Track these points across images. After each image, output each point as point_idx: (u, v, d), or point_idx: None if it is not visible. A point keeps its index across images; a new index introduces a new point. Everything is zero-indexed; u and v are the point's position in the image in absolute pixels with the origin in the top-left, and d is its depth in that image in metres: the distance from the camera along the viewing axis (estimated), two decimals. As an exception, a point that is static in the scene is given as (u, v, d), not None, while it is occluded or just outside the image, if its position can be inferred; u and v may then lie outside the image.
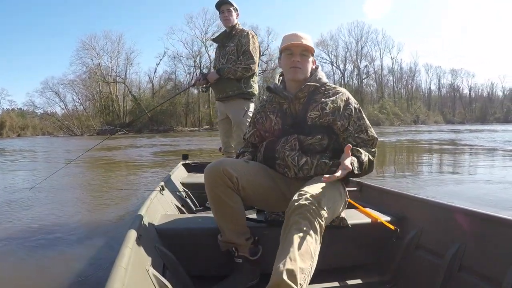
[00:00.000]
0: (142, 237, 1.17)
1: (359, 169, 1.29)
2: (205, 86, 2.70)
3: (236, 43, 2.58)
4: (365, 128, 1.42)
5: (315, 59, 1.50)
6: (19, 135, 39.26)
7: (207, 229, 1.44)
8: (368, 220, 1.52)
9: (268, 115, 1.49)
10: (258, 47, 2.64)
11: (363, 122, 1.43)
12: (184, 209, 2.13)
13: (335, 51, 54.98)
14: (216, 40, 2.78)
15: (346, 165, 1.19)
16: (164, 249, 1.30)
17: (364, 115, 1.45)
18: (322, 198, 1.10)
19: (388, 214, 1.59)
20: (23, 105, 47.29)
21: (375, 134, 1.44)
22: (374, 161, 1.38)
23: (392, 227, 1.45)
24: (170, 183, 2.33)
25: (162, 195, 1.93)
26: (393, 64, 57.85)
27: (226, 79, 2.56)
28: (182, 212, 2.07)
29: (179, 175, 2.94)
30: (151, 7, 75.20)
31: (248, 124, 1.83)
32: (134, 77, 49.02)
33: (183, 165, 3.43)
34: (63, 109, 44.50)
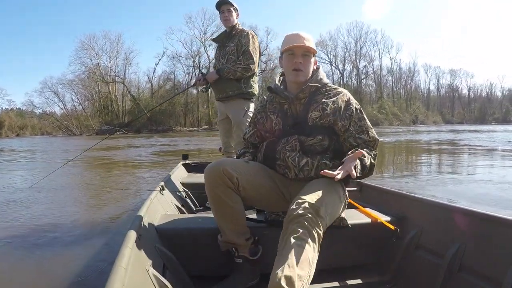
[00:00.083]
0: (142, 237, 1.17)
1: (361, 172, 1.28)
2: (205, 86, 2.70)
3: (236, 43, 2.58)
4: (366, 129, 1.41)
5: (316, 60, 1.49)
6: (18, 135, 39.21)
7: (207, 229, 1.44)
8: (368, 220, 1.52)
9: (268, 115, 1.48)
10: (258, 47, 2.63)
11: (364, 122, 1.42)
12: (184, 209, 2.13)
13: (334, 51, 55.16)
14: (216, 40, 2.78)
15: (349, 168, 1.18)
16: (164, 249, 1.30)
17: (365, 116, 1.44)
18: (320, 206, 1.10)
19: (388, 214, 1.59)
20: (22, 104, 47.46)
21: (376, 135, 1.43)
22: (375, 164, 1.37)
23: (392, 227, 1.45)
24: (170, 183, 2.33)
25: (162, 195, 1.92)
26: (392, 64, 58.13)
27: (226, 79, 2.56)
28: (182, 212, 2.07)
29: (179, 175, 2.94)
30: (151, 7, 75.33)
31: (248, 124, 1.83)
32: (133, 77, 49.22)
33: (183, 165, 3.43)
34: (62, 109, 44.61)
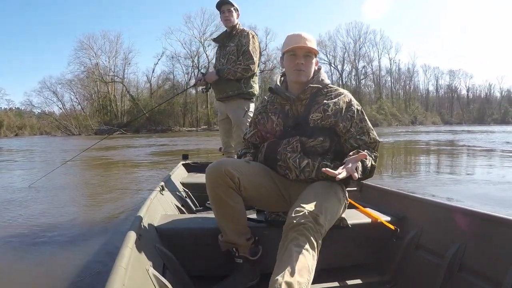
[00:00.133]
0: (142, 237, 1.17)
1: (362, 174, 1.27)
2: (205, 86, 2.70)
3: (236, 43, 2.57)
4: (367, 130, 1.40)
5: (317, 60, 1.48)
6: (16, 135, 39.14)
7: (207, 229, 1.44)
8: (368, 220, 1.52)
9: (269, 116, 1.48)
10: (258, 47, 2.63)
11: (365, 124, 1.41)
12: (184, 209, 2.13)
13: (333, 51, 55.24)
14: (216, 40, 2.78)
15: (351, 170, 1.17)
16: (164, 249, 1.30)
17: (366, 117, 1.43)
18: (319, 214, 1.10)
19: (388, 214, 1.59)
20: (21, 104, 47.22)
21: (377, 136, 1.42)
22: (375, 166, 1.36)
23: (392, 227, 1.45)
24: (170, 183, 2.33)
25: (162, 195, 1.92)
26: (391, 65, 58.23)
27: (226, 79, 2.56)
28: (182, 212, 2.07)
29: (179, 175, 2.93)
30: (150, 7, 75.25)
31: (248, 124, 1.83)
32: (132, 77, 49.12)
33: (183, 165, 3.43)
34: (61, 109, 44.47)
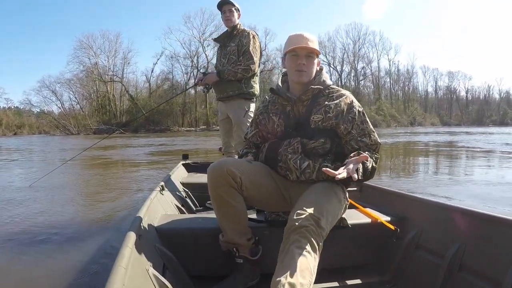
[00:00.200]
0: (142, 237, 1.17)
1: (362, 175, 1.26)
2: (206, 87, 2.70)
3: (237, 43, 2.57)
4: (368, 132, 1.39)
5: (319, 61, 1.48)
6: (15, 134, 39.08)
7: (207, 229, 1.44)
8: (368, 220, 1.52)
9: (270, 116, 1.47)
10: (258, 48, 2.63)
11: (366, 126, 1.40)
12: (184, 209, 2.13)
13: (333, 52, 55.23)
14: (217, 40, 2.77)
15: (352, 171, 1.16)
16: (164, 249, 1.30)
17: (367, 119, 1.42)
18: (321, 217, 1.10)
19: (388, 214, 1.59)
20: (19, 103, 47.22)
21: (378, 138, 1.41)
22: (376, 168, 1.36)
23: (392, 227, 1.45)
24: (170, 183, 2.33)
25: (162, 195, 1.92)
26: (390, 66, 58.31)
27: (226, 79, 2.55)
28: (182, 212, 2.07)
29: (179, 175, 2.93)
30: (150, 7, 75.18)
31: (249, 124, 1.82)
32: (131, 76, 49.18)
33: (183, 165, 3.43)
34: (60, 108, 44.37)
